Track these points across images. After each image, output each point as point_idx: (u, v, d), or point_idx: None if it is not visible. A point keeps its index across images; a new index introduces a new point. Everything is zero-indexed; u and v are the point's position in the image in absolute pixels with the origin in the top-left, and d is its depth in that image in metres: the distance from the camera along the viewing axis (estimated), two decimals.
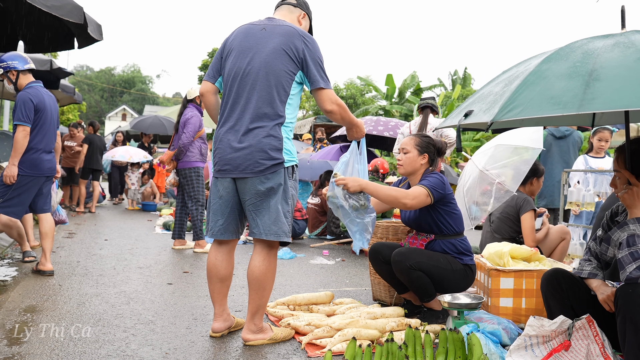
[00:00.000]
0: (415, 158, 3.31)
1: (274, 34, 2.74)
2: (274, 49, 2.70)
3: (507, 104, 2.03)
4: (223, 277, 2.84)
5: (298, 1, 3.00)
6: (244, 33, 2.82)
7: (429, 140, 3.37)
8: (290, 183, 2.73)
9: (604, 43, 2.11)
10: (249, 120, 2.67)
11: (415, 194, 3.11)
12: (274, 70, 2.68)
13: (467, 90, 24.28)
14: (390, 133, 8.10)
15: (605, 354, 2.28)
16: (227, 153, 2.69)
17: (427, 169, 3.34)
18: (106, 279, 4.21)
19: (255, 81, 2.69)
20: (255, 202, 2.68)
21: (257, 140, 2.63)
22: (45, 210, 4.40)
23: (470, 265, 3.25)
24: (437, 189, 3.16)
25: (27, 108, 4.07)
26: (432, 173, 3.29)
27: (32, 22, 5.15)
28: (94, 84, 53.62)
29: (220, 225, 2.80)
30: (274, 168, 2.64)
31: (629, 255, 2.23)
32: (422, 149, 3.32)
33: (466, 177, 4.21)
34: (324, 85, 2.72)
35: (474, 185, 3.95)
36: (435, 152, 3.35)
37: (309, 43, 2.74)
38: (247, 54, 2.75)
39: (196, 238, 5.90)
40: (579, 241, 5.25)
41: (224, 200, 2.77)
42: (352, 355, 2.43)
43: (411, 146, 3.33)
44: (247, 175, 2.64)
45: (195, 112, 5.75)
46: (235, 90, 2.75)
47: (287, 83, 2.70)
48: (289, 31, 2.74)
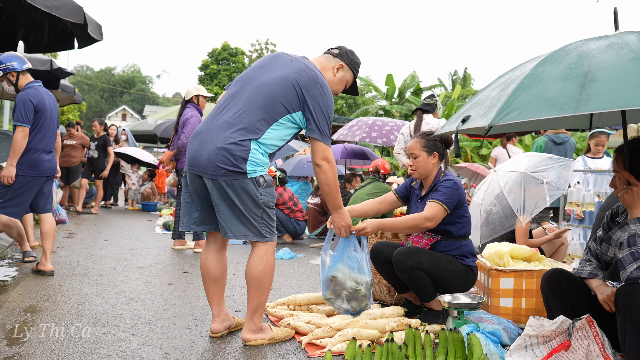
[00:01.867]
0: (426, 160, 3.29)
1: (296, 68, 2.75)
2: (286, 77, 2.71)
3: (503, 107, 2.04)
4: (215, 276, 2.85)
5: (340, 51, 3.02)
6: (274, 55, 2.89)
7: (434, 137, 3.35)
8: (260, 191, 2.66)
9: (598, 44, 2.12)
10: (227, 123, 2.66)
11: (432, 214, 3.11)
12: (275, 95, 2.68)
13: (467, 90, 24.29)
14: (384, 140, 8.06)
15: (605, 354, 2.28)
16: (196, 149, 2.69)
17: (439, 167, 3.34)
18: (106, 279, 4.21)
19: (253, 93, 2.70)
20: (217, 202, 2.67)
21: (225, 144, 2.60)
22: (46, 210, 4.40)
23: (471, 266, 3.25)
24: (452, 200, 3.16)
25: (26, 109, 4.06)
26: (444, 179, 3.26)
27: (32, 22, 5.15)
28: (94, 84, 53.62)
29: (196, 218, 2.81)
30: (234, 176, 2.59)
31: (629, 255, 2.24)
32: (430, 149, 3.30)
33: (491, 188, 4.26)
34: (321, 138, 2.72)
35: (514, 188, 4.08)
36: (442, 147, 3.35)
37: (322, 93, 2.72)
38: (262, 70, 2.79)
39: (196, 238, 5.90)
40: (579, 241, 5.26)
41: (196, 195, 2.79)
42: (352, 355, 2.43)
43: (419, 149, 3.30)
44: (207, 175, 2.63)
45: (195, 112, 5.76)
46: (232, 92, 2.79)
47: (279, 112, 2.68)
48: (310, 74, 2.73)
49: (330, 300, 3.11)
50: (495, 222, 4.05)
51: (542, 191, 4.00)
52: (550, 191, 4.00)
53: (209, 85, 30.89)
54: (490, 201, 4.14)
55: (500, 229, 4.02)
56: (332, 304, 3.18)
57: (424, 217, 3.11)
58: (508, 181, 4.13)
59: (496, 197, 4.12)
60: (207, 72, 32.02)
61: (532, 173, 4.09)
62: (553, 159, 4.27)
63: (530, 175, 4.08)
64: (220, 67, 31.97)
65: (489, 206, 4.12)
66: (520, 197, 4.02)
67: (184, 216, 2.84)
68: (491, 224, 4.08)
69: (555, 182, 4.04)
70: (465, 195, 3.29)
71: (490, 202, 4.13)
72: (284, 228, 6.83)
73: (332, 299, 3.12)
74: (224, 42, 32.79)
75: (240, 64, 32.37)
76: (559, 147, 6.47)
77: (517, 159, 4.46)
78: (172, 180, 6.14)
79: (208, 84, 31.06)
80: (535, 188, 4.01)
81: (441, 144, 3.34)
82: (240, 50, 32.93)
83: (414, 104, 22.19)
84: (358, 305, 3.12)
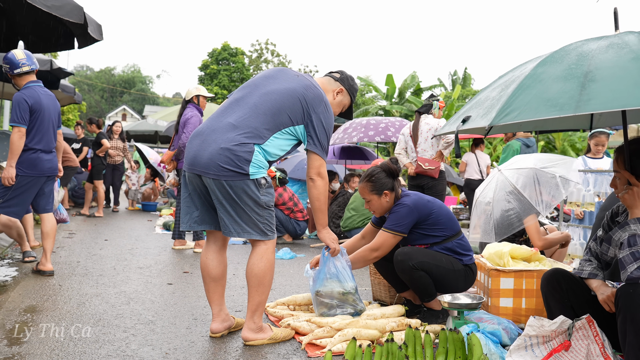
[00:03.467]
0: (378, 201, 3.30)
1: (303, 84, 2.81)
2: (294, 91, 2.76)
3: (504, 108, 2.05)
4: (215, 276, 2.85)
5: (342, 76, 3.11)
6: (280, 68, 2.95)
7: (377, 175, 3.31)
8: (262, 192, 2.68)
9: (598, 44, 2.13)
10: (231, 125, 2.67)
11: (377, 244, 3.18)
12: (282, 105, 2.72)
13: (467, 91, 24.30)
14: (382, 137, 8.06)
15: (605, 354, 2.28)
16: (197, 149, 2.70)
17: (395, 198, 3.31)
18: (106, 279, 4.21)
19: (260, 100, 2.73)
20: (219, 202, 2.68)
21: (230, 145, 2.61)
22: (47, 210, 4.39)
23: (470, 265, 3.25)
24: (404, 221, 3.17)
25: (21, 109, 4.06)
26: (395, 205, 3.27)
27: (32, 22, 5.15)
28: (94, 84, 53.63)
29: (196, 217, 2.82)
30: (237, 176, 2.61)
31: (630, 255, 2.24)
32: (379, 190, 3.27)
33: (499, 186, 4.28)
34: (319, 153, 2.78)
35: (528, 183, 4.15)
36: (390, 181, 3.30)
37: (326, 111, 2.81)
38: (269, 80, 2.83)
39: (196, 238, 5.90)
40: (579, 241, 5.26)
41: (195, 194, 2.80)
42: (352, 356, 2.43)
43: (368, 194, 3.30)
44: (209, 175, 2.63)
45: (195, 112, 5.76)
46: (237, 97, 2.80)
47: (283, 122, 2.72)
48: (316, 92, 2.81)
49: (324, 314, 3.12)
50: (512, 218, 4.09)
51: (556, 185, 4.07)
52: (564, 184, 4.07)
53: (209, 85, 30.91)
54: (502, 199, 4.16)
55: (519, 225, 4.05)
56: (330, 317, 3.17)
57: (370, 248, 3.21)
58: (519, 177, 4.18)
59: (509, 194, 4.16)
60: (207, 72, 32.03)
61: (542, 168, 4.15)
62: (554, 157, 4.32)
63: (541, 170, 4.14)
64: (220, 67, 31.98)
65: (503, 204, 4.14)
66: (536, 192, 4.08)
67: (185, 216, 2.84)
68: (507, 220, 4.11)
69: (567, 176, 4.12)
70: (429, 204, 3.25)
71: (503, 199, 4.15)
72: (283, 228, 6.83)
73: (325, 312, 3.12)
74: (224, 42, 32.81)
75: (240, 64, 32.38)
76: (529, 149, 6.58)
77: (518, 159, 4.50)
78: (172, 180, 6.14)
79: (208, 84, 31.07)
80: (549, 182, 4.08)
81: (388, 179, 3.30)
82: (240, 50, 32.94)
83: (414, 104, 22.21)
84: (353, 308, 3.13)
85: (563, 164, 4.19)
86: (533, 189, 4.09)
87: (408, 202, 3.24)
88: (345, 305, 3.12)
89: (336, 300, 3.11)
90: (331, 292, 3.10)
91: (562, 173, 4.10)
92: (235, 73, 31.98)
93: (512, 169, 4.30)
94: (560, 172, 4.11)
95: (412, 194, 3.31)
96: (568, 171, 4.15)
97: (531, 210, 4.04)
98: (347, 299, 3.11)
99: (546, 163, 4.21)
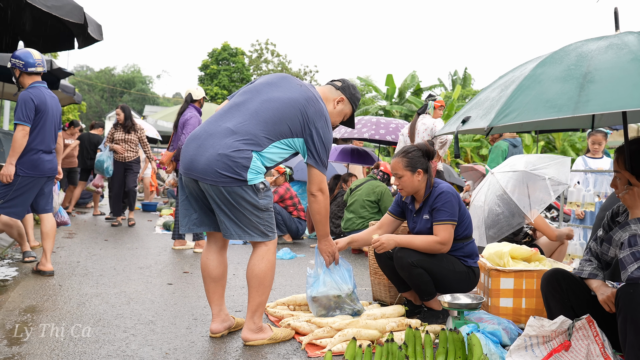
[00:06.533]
0: (410, 178, 3.25)
1: (305, 95, 2.78)
2: (296, 102, 2.73)
3: (503, 109, 2.05)
4: (215, 276, 2.85)
5: (343, 85, 3.06)
6: (283, 75, 2.90)
7: (414, 152, 3.28)
8: (260, 196, 2.67)
9: (598, 45, 2.12)
10: (229, 130, 2.64)
11: (444, 238, 3.12)
12: (283, 115, 2.70)
13: (467, 91, 24.31)
14: (393, 137, 8.11)
15: (605, 354, 2.28)
16: (193, 153, 2.67)
17: (427, 180, 3.29)
18: (106, 279, 4.21)
19: (261, 107, 2.70)
20: (218, 206, 2.67)
21: (227, 151, 2.58)
22: (47, 210, 4.40)
23: (473, 268, 3.25)
24: (454, 209, 3.17)
25: (27, 108, 4.06)
26: (438, 193, 3.21)
27: (32, 22, 5.15)
28: (94, 84, 53.59)
29: (195, 219, 2.82)
30: (235, 183, 2.59)
31: (630, 255, 2.24)
32: (413, 167, 3.24)
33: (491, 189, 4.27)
34: (319, 168, 2.78)
35: (517, 186, 4.13)
36: (425, 161, 3.28)
37: (326, 126, 2.80)
38: (271, 87, 2.80)
39: (196, 238, 5.91)
40: (579, 241, 5.26)
41: (192, 197, 2.79)
42: (352, 356, 2.43)
43: (401, 169, 3.26)
44: (207, 181, 2.61)
45: (195, 113, 5.76)
46: (237, 102, 2.77)
47: (283, 132, 2.70)
48: (318, 107, 2.79)
49: (323, 315, 3.12)
50: (501, 222, 4.07)
51: (545, 187, 4.05)
52: (553, 186, 4.06)
53: (209, 85, 30.91)
54: (493, 202, 4.15)
55: (508, 229, 4.04)
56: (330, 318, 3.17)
57: (438, 241, 3.12)
58: (509, 181, 4.15)
59: (499, 197, 4.14)
60: (207, 72, 32.02)
61: (532, 171, 4.12)
62: (546, 157, 4.30)
63: (531, 173, 4.11)
64: (220, 67, 31.97)
65: (493, 207, 4.13)
66: (525, 195, 4.06)
67: (183, 218, 2.84)
68: (497, 224, 4.10)
69: (557, 177, 4.09)
70: (459, 196, 3.29)
71: (494, 203, 4.15)
72: (286, 227, 6.83)
73: (324, 314, 3.12)
74: (224, 42, 32.79)
75: (240, 64, 32.37)
76: (515, 149, 6.66)
77: (510, 161, 4.49)
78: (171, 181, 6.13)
79: (208, 84, 31.07)
80: (538, 184, 4.07)
81: (424, 159, 3.28)
82: (240, 50, 32.93)
83: (414, 104, 22.21)
84: (351, 309, 3.14)
85: (555, 165, 4.16)
86: (523, 192, 4.08)
87: (450, 190, 3.23)
88: (343, 307, 3.12)
89: (333, 302, 3.11)
90: (327, 294, 3.10)
91: (552, 175, 4.08)
92: (235, 73, 31.97)
93: (503, 172, 4.28)
94: (551, 173, 4.09)
95: (445, 184, 3.30)
96: (560, 172, 4.13)
97: (520, 215, 4.02)
98: (343, 301, 3.11)
99: (538, 164, 4.19)
